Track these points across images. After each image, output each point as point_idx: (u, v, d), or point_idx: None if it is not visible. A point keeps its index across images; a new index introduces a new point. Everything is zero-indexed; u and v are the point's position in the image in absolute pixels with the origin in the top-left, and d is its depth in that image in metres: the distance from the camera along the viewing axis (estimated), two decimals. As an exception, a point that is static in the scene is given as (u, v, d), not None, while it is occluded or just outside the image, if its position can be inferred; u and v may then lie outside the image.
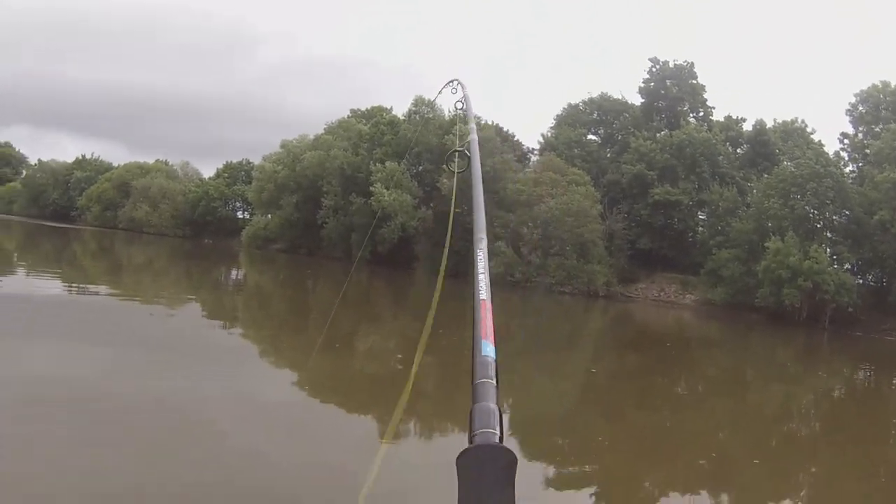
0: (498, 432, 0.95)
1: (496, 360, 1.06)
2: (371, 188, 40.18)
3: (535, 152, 50.52)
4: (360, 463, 7.10)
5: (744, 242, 37.59)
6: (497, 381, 1.03)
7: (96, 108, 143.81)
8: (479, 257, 1.40)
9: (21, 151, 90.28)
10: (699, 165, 43.46)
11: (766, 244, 34.95)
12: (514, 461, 0.90)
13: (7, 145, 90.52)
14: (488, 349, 1.08)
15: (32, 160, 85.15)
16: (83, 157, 76.04)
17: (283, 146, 50.85)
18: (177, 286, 27.45)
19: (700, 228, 45.01)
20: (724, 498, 8.13)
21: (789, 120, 47.08)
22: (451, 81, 3.24)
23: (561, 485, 7.92)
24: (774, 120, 47.41)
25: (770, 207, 36.28)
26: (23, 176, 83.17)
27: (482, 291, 1.26)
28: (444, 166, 2.25)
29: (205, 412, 8.93)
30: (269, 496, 6.22)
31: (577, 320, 29.98)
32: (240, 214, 60.58)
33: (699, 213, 45.85)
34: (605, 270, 38.59)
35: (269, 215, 50.62)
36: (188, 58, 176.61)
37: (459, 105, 3.04)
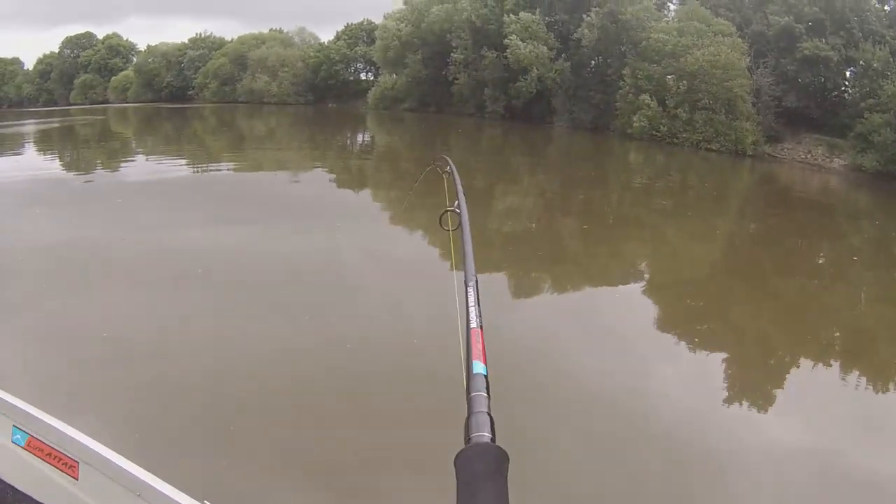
0: (491, 434, 1.05)
1: (486, 377, 1.19)
2: (506, 41, 39.14)
3: (674, 1, 47.46)
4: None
5: (897, 107, 34.61)
6: (488, 393, 1.15)
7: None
8: (469, 293, 1.53)
9: (130, 40, 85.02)
10: (848, 20, 39.79)
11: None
12: (506, 457, 0.99)
13: (114, 35, 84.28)
14: (479, 367, 1.21)
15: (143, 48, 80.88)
16: (197, 35, 73.72)
17: (406, 2, 49.66)
18: (306, 153, 28.07)
19: (847, 88, 41.82)
20: (856, 371, 7.88)
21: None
22: None
23: (694, 344, 8.29)
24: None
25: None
26: (133, 63, 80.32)
27: (473, 321, 1.38)
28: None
29: (343, 271, 10.05)
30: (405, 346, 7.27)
31: (729, 181, 28.97)
32: (363, 76, 60.06)
33: (847, 71, 42.46)
34: (753, 128, 36.89)
35: (395, 75, 50.11)
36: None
37: None
